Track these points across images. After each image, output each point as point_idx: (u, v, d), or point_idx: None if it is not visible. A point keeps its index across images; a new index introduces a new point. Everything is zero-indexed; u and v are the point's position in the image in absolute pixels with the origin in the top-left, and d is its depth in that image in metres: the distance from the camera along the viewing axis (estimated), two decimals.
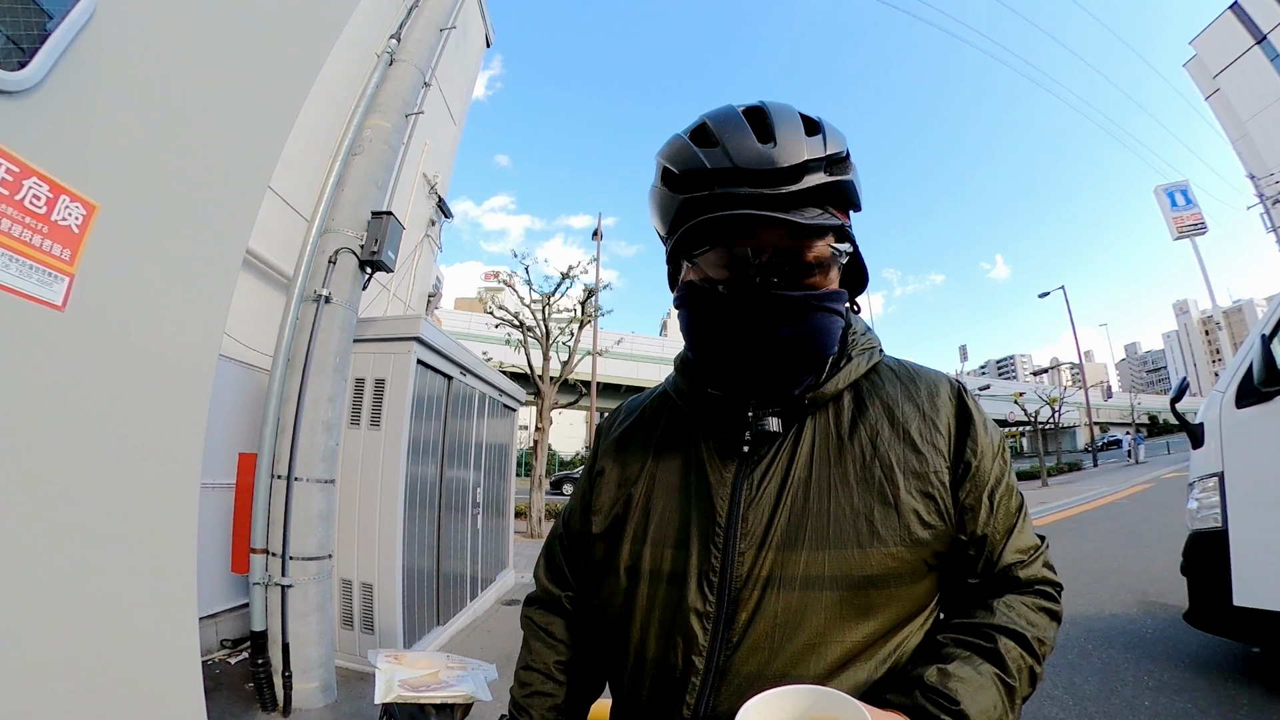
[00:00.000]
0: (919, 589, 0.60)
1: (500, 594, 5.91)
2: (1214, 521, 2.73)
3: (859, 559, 0.57)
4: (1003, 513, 0.63)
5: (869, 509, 0.58)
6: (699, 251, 0.60)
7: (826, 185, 0.56)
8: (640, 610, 0.63)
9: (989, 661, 0.56)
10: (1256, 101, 20.82)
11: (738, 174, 0.55)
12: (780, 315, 0.57)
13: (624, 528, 0.67)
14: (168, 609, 1.59)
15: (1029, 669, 0.57)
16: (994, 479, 0.63)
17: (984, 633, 0.58)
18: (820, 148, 0.56)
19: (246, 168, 1.89)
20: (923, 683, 0.54)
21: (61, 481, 1.34)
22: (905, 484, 0.60)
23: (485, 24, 8.00)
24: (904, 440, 0.62)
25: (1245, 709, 2.57)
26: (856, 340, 0.69)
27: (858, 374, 0.66)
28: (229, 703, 3.05)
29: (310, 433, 3.27)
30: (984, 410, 0.67)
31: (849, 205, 0.62)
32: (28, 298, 1.24)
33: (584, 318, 11.38)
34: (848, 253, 0.61)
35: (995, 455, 0.64)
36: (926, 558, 0.59)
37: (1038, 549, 0.65)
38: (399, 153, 4.32)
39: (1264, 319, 2.81)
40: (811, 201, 0.56)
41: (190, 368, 1.69)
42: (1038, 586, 0.63)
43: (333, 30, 2.37)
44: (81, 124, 1.36)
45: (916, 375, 0.68)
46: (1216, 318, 32.01)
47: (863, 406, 0.65)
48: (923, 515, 0.59)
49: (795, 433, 0.64)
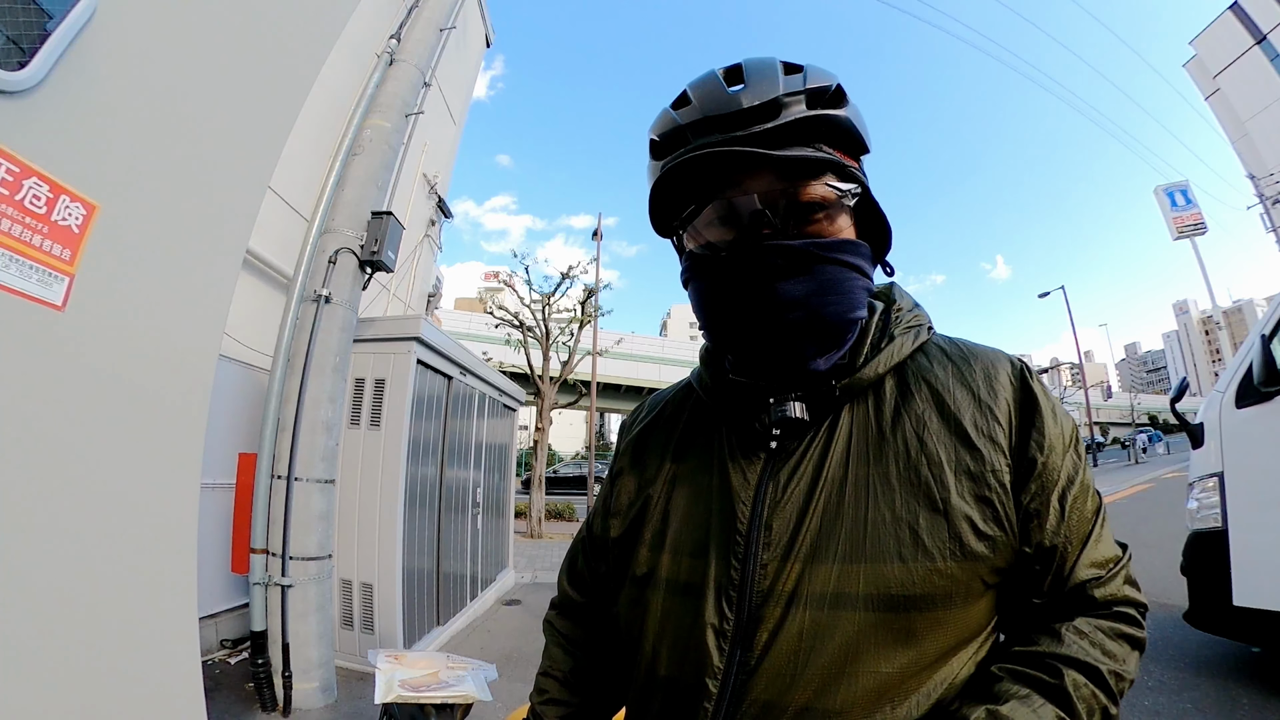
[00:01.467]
0: (973, 612, 0.51)
1: (500, 594, 5.91)
2: (1214, 521, 2.73)
3: (900, 575, 0.48)
4: (1076, 518, 0.52)
5: (913, 516, 0.50)
6: (686, 214, 0.56)
7: (812, 119, 0.51)
8: (653, 623, 0.57)
9: (1052, 701, 0.47)
10: (1256, 101, 20.82)
11: (708, 122, 0.51)
12: (780, 269, 0.51)
13: (641, 532, 0.62)
14: (168, 609, 1.59)
15: (1101, 710, 0.48)
16: (1065, 478, 0.53)
17: (1048, 665, 0.49)
18: (799, 83, 0.51)
19: (246, 168, 1.89)
20: None
21: (62, 481, 1.34)
22: (957, 486, 0.51)
23: (485, 24, 8.00)
24: (955, 433, 0.53)
25: (1245, 709, 2.57)
26: (902, 317, 0.60)
27: (902, 355, 0.57)
28: (229, 703, 3.05)
29: (310, 433, 3.27)
30: (1054, 396, 0.56)
31: (850, 144, 0.54)
32: (28, 298, 1.24)
33: (584, 318, 11.38)
34: (854, 193, 0.53)
35: (1067, 449, 0.54)
36: (983, 574, 0.50)
37: (1118, 561, 0.54)
38: (399, 153, 4.32)
39: (1264, 319, 2.82)
40: (796, 138, 0.51)
41: (190, 368, 1.69)
42: (1117, 608, 0.52)
43: (333, 30, 2.37)
44: (81, 124, 1.36)
45: (971, 354, 0.58)
46: (1216, 318, 32.01)
47: (908, 393, 0.56)
48: (978, 524, 0.50)
49: (830, 426, 0.56)
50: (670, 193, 0.56)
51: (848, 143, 0.54)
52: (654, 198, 0.57)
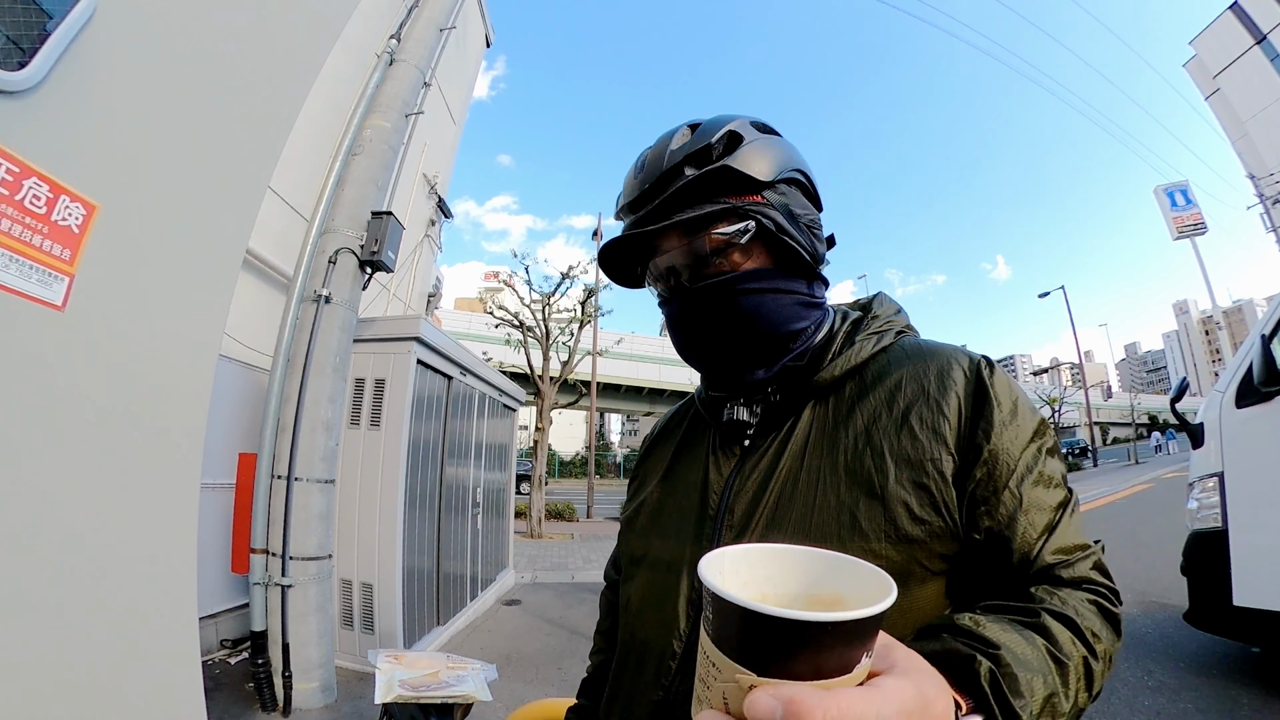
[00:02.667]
0: (914, 597, 0.54)
1: (500, 594, 5.91)
2: (1214, 521, 2.73)
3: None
4: (1036, 508, 0.54)
5: (854, 502, 0.55)
6: (641, 272, 0.68)
7: (696, 180, 0.59)
8: (638, 597, 0.67)
9: (1034, 632, 0.47)
10: (1256, 101, 20.81)
11: (628, 208, 0.64)
12: (698, 308, 0.62)
13: (638, 523, 0.72)
14: (168, 609, 1.59)
15: (1082, 659, 0.47)
16: (1023, 468, 0.55)
17: (1024, 610, 0.50)
18: (681, 153, 0.60)
19: (246, 168, 1.89)
20: (953, 624, 0.46)
21: (61, 482, 1.34)
22: (895, 473, 0.55)
23: (485, 24, 8.00)
24: (901, 425, 0.57)
25: (1245, 709, 2.57)
26: (872, 324, 0.66)
27: (860, 358, 0.63)
28: (229, 703, 3.05)
29: (310, 433, 3.27)
30: (1018, 391, 0.58)
31: (743, 185, 0.60)
32: (28, 298, 1.24)
33: (584, 318, 11.38)
34: (746, 230, 0.59)
35: (1026, 442, 0.56)
36: (920, 558, 0.53)
37: (1087, 549, 0.55)
38: (399, 153, 4.32)
39: (1264, 319, 2.82)
40: (688, 201, 0.60)
41: (190, 368, 1.69)
42: (1086, 585, 0.53)
43: (333, 30, 2.37)
44: (81, 124, 1.36)
45: (930, 354, 0.62)
46: (1216, 318, 32.01)
47: (864, 393, 0.61)
48: (913, 508, 0.53)
49: (791, 424, 0.62)
50: (625, 260, 0.68)
51: (741, 184, 0.60)
52: (608, 269, 0.68)
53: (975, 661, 0.42)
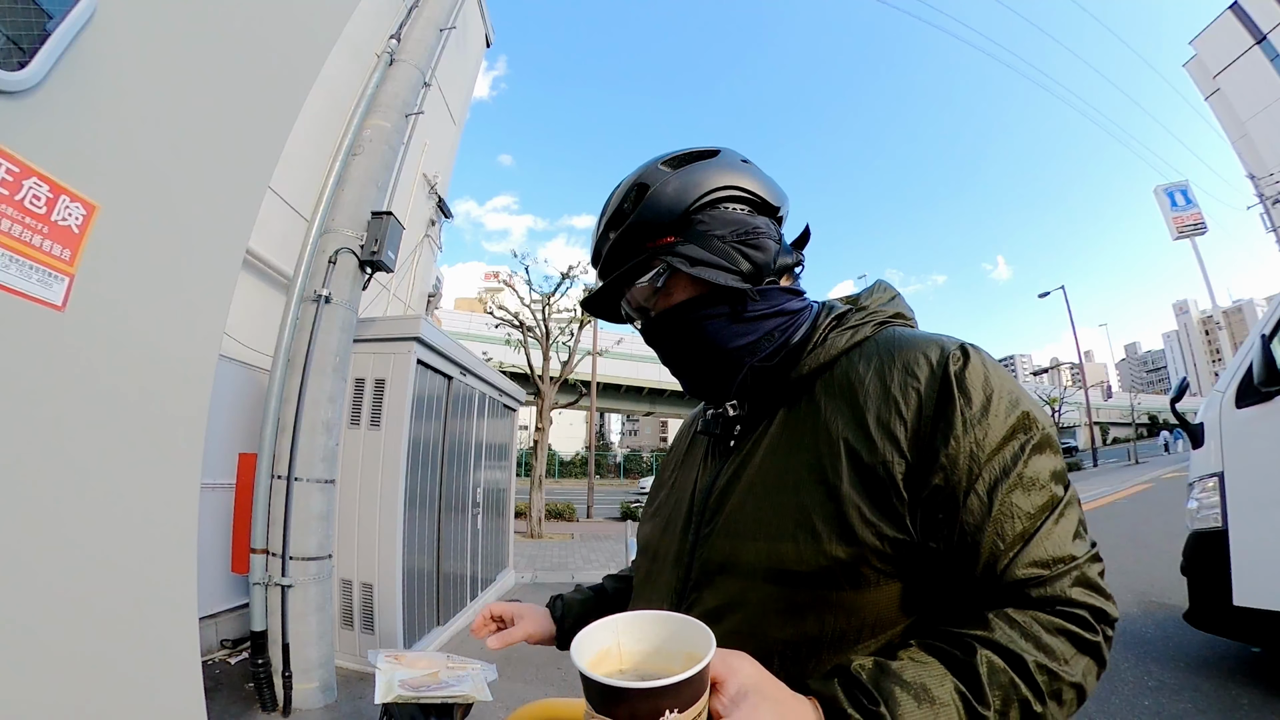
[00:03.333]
0: (866, 601, 0.53)
1: (500, 594, 5.91)
2: (1214, 521, 2.73)
3: (790, 553, 0.54)
4: (1008, 514, 0.50)
5: (812, 501, 0.55)
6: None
7: (617, 240, 0.66)
8: (639, 583, 0.74)
9: (956, 675, 0.45)
10: (1256, 101, 20.80)
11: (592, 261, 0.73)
12: (657, 337, 0.69)
13: (648, 519, 0.79)
14: (168, 609, 1.59)
15: (1021, 701, 0.45)
16: (995, 471, 0.51)
17: (963, 643, 0.47)
18: (603, 220, 0.68)
19: (246, 168, 1.89)
20: (847, 671, 0.46)
21: (61, 481, 1.34)
22: (849, 475, 0.54)
23: (485, 24, 8.00)
24: (858, 426, 0.56)
25: (1245, 709, 2.57)
26: (855, 318, 0.65)
27: (829, 355, 0.62)
28: (229, 703, 3.05)
29: (310, 433, 3.26)
30: (997, 384, 0.54)
31: (658, 229, 0.64)
32: (28, 298, 1.24)
33: (584, 318, 11.38)
34: (660, 274, 0.64)
35: (999, 441, 0.51)
36: (872, 561, 0.52)
37: (1071, 562, 0.50)
38: (399, 153, 4.32)
39: (1264, 319, 2.82)
40: (616, 260, 0.66)
41: (190, 368, 1.69)
42: (1061, 607, 0.49)
43: (333, 30, 2.37)
44: (81, 124, 1.36)
45: (900, 347, 0.59)
46: (1216, 318, 32.01)
47: (832, 391, 0.61)
48: (865, 512, 0.52)
49: (767, 424, 0.65)
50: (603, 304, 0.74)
51: (657, 228, 0.64)
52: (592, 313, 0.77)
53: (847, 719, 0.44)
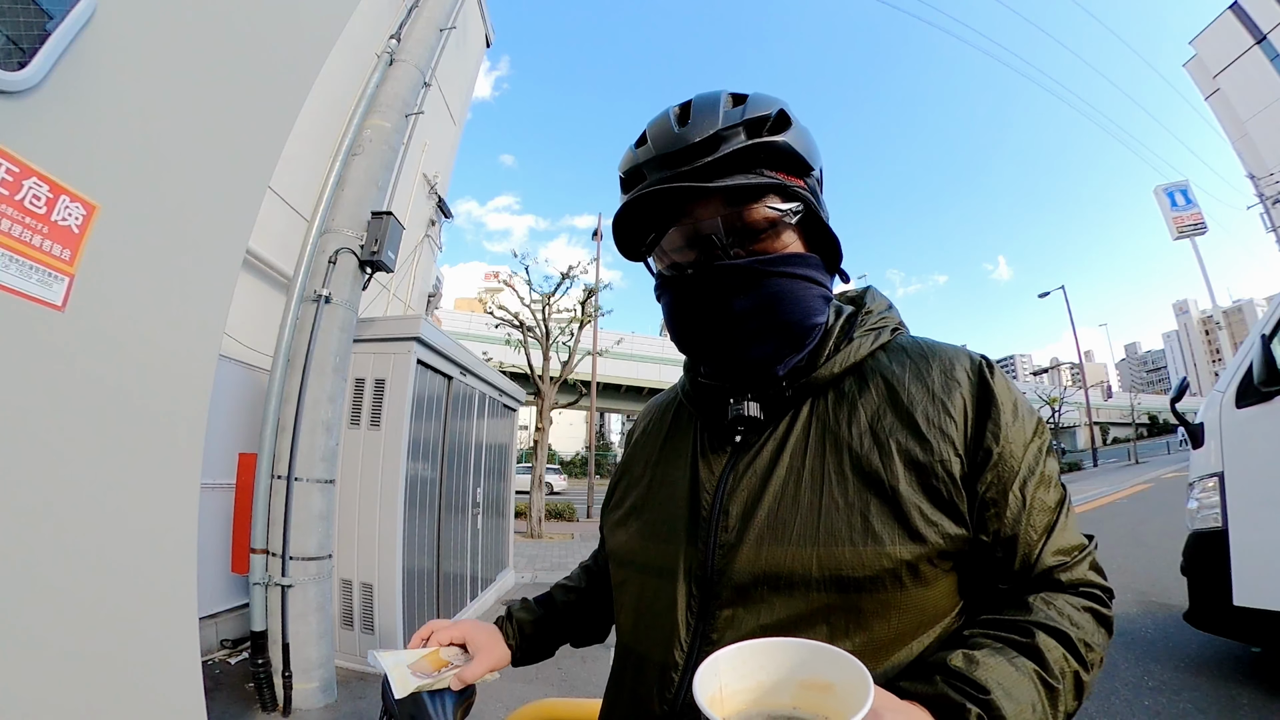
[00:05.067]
0: (927, 597, 0.53)
1: (500, 594, 5.91)
2: (1214, 521, 2.73)
3: (851, 559, 0.51)
4: (1038, 509, 0.54)
5: (865, 503, 0.53)
6: (649, 241, 0.62)
7: (750, 147, 0.55)
8: (630, 602, 0.64)
9: (1026, 656, 0.48)
10: (1256, 101, 20.80)
11: (659, 160, 0.56)
12: (730, 286, 0.56)
13: (627, 523, 0.69)
14: (168, 609, 1.59)
15: (1073, 674, 0.49)
16: (1025, 469, 0.55)
17: (1019, 627, 0.51)
18: (738, 115, 0.56)
19: (246, 168, 1.89)
20: (946, 667, 0.47)
21: (61, 481, 1.34)
22: (906, 475, 0.54)
23: (485, 24, 8.00)
24: (907, 425, 0.56)
25: (1245, 709, 2.57)
26: (867, 320, 0.64)
27: (859, 355, 0.61)
28: (229, 703, 3.05)
29: (310, 433, 3.26)
30: (1016, 391, 0.58)
31: (794, 165, 0.58)
32: (28, 298, 1.24)
33: (584, 318, 11.39)
34: (796, 211, 0.57)
35: (1028, 443, 0.56)
36: (933, 559, 0.52)
37: (1083, 549, 0.56)
38: (399, 153, 4.32)
39: (1264, 319, 2.81)
40: (738, 167, 0.55)
41: (190, 368, 1.69)
42: (1083, 589, 0.55)
43: (333, 30, 2.37)
44: (81, 124, 1.36)
45: (931, 352, 0.61)
46: (1216, 318, 32.01)
47: (865, 390, 0.59)
48: (925, 511, 0.52)
49: (789, 421, 0.60)
50: (635, 222, 0.61)
51: (791, 164, 0.57)
52: (617, 229, 0.62)
53: (965, 712, 0.44)
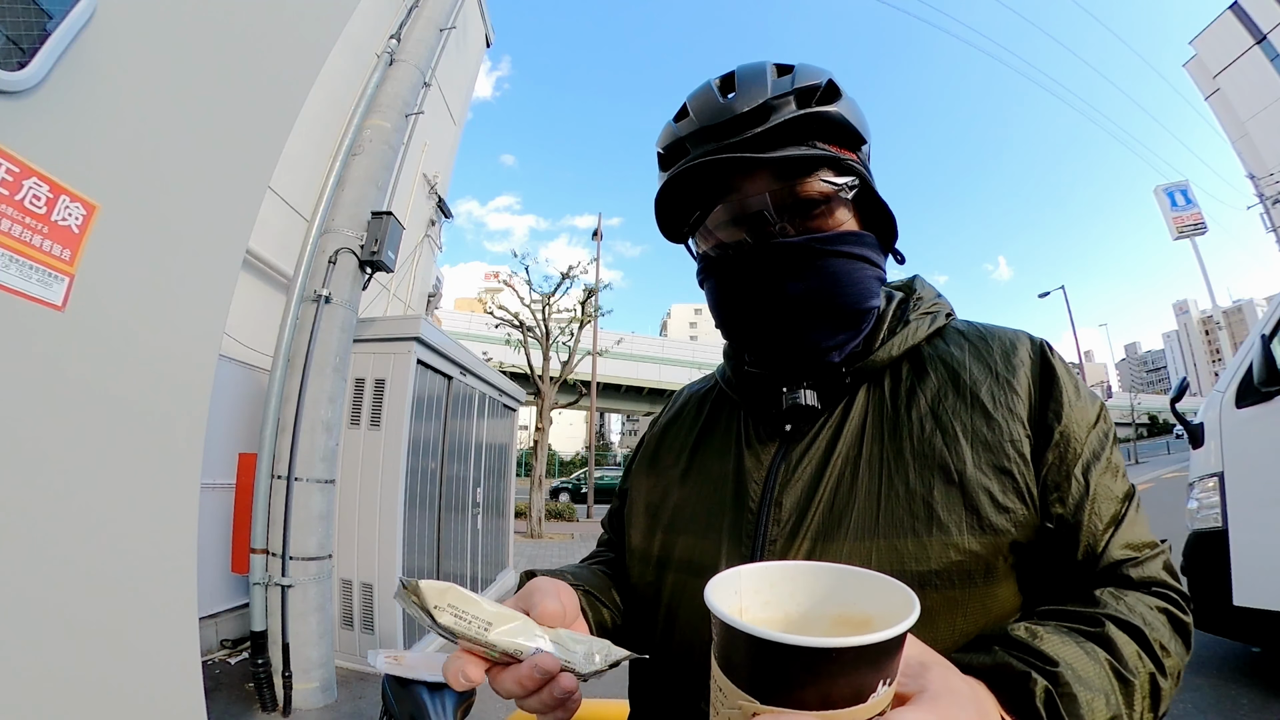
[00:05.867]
0: (994, 594, 0.48)
1: (500, 594, 5.91)
2: (1214, 521, 2.73)
3: (915, 551, 0.47)
4: (1104, 497, 0.50)
5: (928, 489, 0.49)
6: (693, 220, 0.58)
7: (802, 117, 0.51)
8: (666, 603, 0.58)
9: (1097, 644, 0.42)
10: (1256, 101, 20.79)
11: (703, 133, 0.53)
12: (783, 267, 0.53)
13: (658, 515, 0.63)
14: (168, 609, 1.59)
15: (1149, 675, 0.42)
16: (1090, 453, 0.51)
17: (1086, 617, 0.45)
18: (788, 84, 0.52)
19: (246, 168, 1.89)
20: (1006, 637, 0.42)
21: (61, 481, 1.34)
22: (973, 457, 0.50)
23: (485, 24, 8.00)
24: (972, 405, 0.52)
25: (1245, 709, 2.57)
26: (920, 305, 0.62)
27: (917, 338, 0.58)
28: (229, 703, 3.05)
29: (310, 433, 3.27)
30: (1076, 376, 0.55)
31: (846, 137, 0.54)
32: (28, 298, 1.24)
33: (584, 318, 11.39)
34: (851, 185, 0.53)
35: (1092, 425, 0.52)
36: (1003, 551, 0.48)
37: (1155, 548, 0.50)
38: (399, 153, 4.32)
39: (1264, 319, 2.82)
40: (789, 138, 0.52)
41: (190, 368, 1.69)
42: (1155, 589, 0.48)
43: (333, 30, 2.37)
44: (81, 124, 1.36)
45: (989, 334, 0.59)
46: (1216, 318, 32.00)
47: (923, 373, 0.56)
48: (996, 495, 0.48)
49: (844, 408, 0.56)
50: (677, 201, 0.58)
51: (843, 136, 0.54)
52: (659, 206, 0.58)
53: (1030, 680, 0.38)
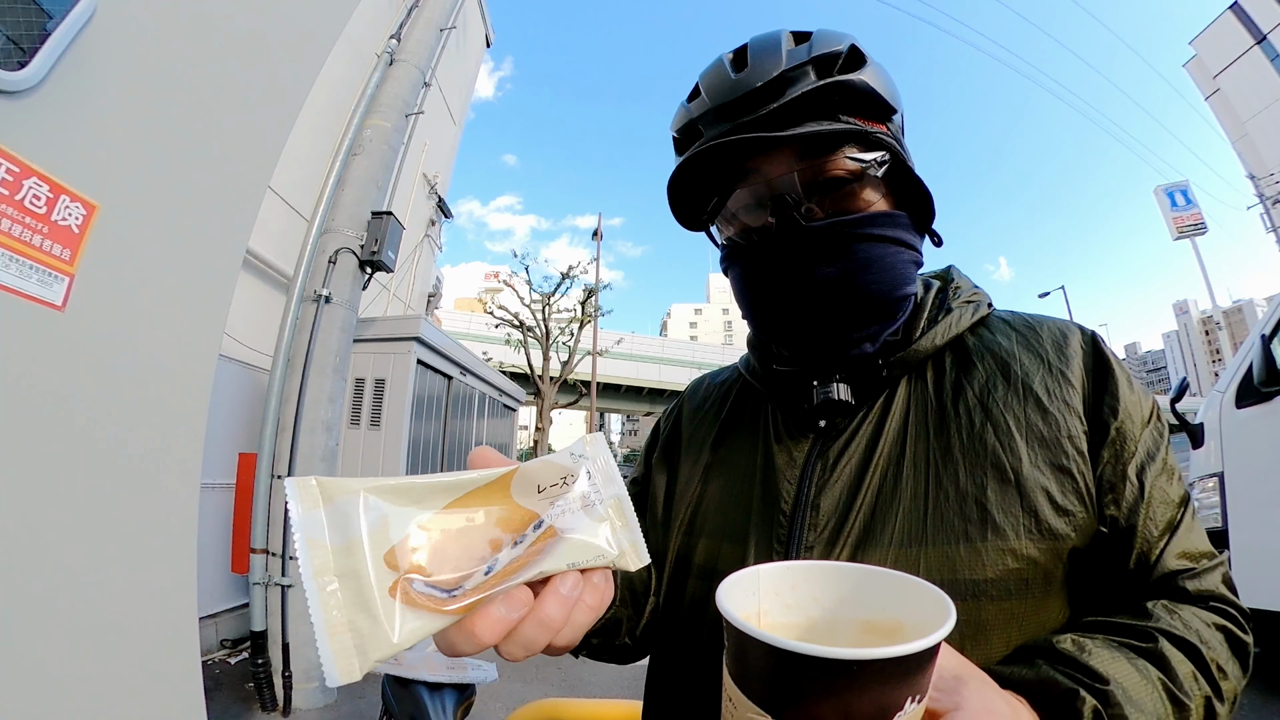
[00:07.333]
0: (1049, 607, 0.44)
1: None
2: (1214, 521, 2.73)
3: (968, 558, 0.43)
4: (1159, 500, 0.45)
5: (980, 489, 0.45)
6: (711, 207, 0.54)
7: (823, 88, 0.47)
8: (687, 611, 0.54)
9: (1149, 662, 0.39)
10: (1256, 101, 20.81)
11: (716, 112, 0.49)
12: (811, 252, 0.48)
13: (677, 515, 0.58)
14: (168, 609, 1.59)
15: (1205, 699, 0.39)
16: (1145, 452, 0.46)
17: (1137, 631, 0.41)
18: (804, 53, 0.47)
19: (246, 168, 1.89)
20: (1052, 649, 0.39)
21: (61, 481, 1.34)
22: (1029, 454, 0.45)
23: (485, 24, 8.01)
24: (1025, 397, 0.48)
25: (1245, 709, 2.57)
26: (959, 294, 0.58)
27: (961, 327, 0.54)
28: (229, 703, 3.05)
29: (310, 433, 3.27)
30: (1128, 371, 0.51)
31: (873, 108, 0.49)
32: (28, 298, 1.24)
33: (584, 318, 11.40)
34: (881, 161, 0.48)
35: (1145, 422, 0.48)
36: (1063, 558, 0.44)
37: (1214, 558, 0.46)
38: (399, 153, 4.32)
39: (1264, 319, 2.82)
40: (810, 113, 0.47)
41: (190, 368, 1.69)
42: (1213, 603, 0.44)
43: (333, 30, 2.37)
44: (81, 124, 1.36)
45: (1038, 323, 0.54)
46: (1216, 318, 32.00)
47: (969, 365, 0.52)
48: (1055, 496, 0.44)
49: (885, 402, 0.52)
50: (692, 186, 0.54)
51: (870, 107, 0.49)
52: (673, 194, 0.54)
53: (1078, 699, 0.35)
